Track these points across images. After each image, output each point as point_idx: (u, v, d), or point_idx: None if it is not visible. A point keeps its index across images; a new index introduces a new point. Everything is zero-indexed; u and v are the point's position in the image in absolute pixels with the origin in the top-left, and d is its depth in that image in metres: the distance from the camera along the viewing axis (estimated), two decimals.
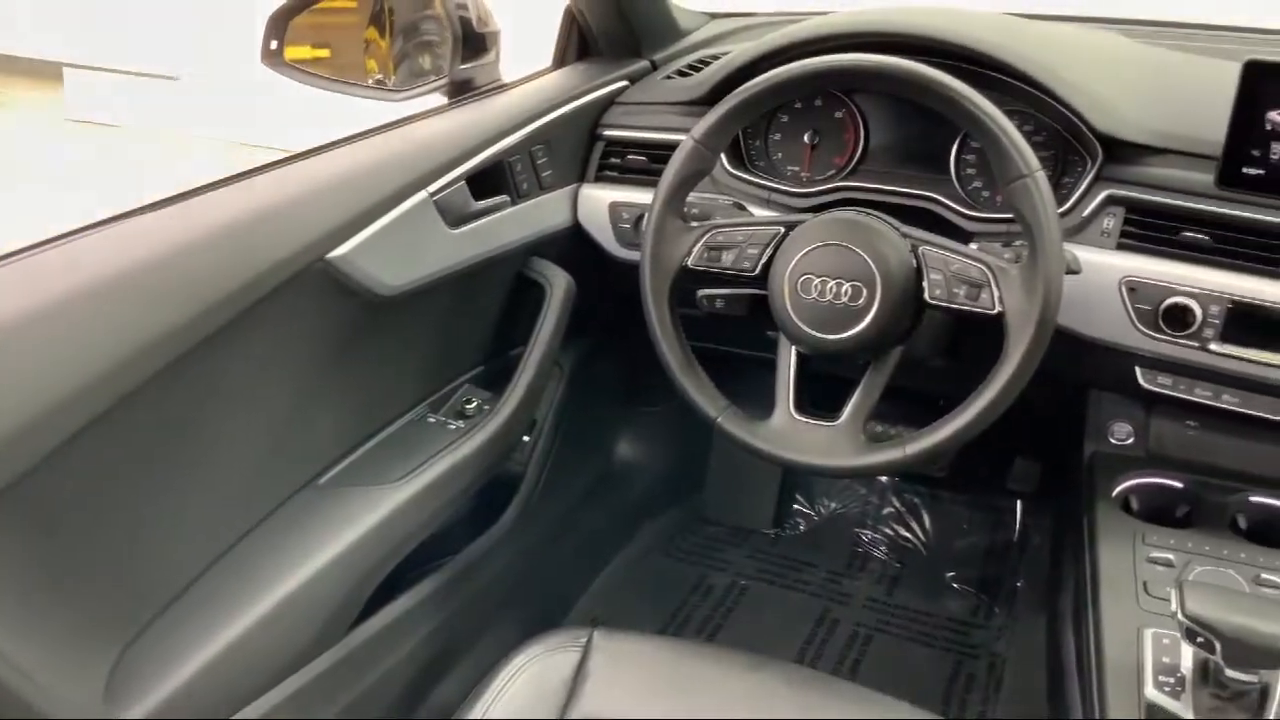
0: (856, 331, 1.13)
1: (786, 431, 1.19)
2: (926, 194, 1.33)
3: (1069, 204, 1.24)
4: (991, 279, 1.09)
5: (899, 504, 2.11)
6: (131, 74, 6.53)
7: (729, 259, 1.20)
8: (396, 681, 1.30)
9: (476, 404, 1.39)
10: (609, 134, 1.52)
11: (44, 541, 0.91)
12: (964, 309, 1.10)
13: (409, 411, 1.36)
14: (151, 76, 6.47)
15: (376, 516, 1.18)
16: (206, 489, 1.07)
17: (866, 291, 1.12)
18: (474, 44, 1.50)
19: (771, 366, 1.22)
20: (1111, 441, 1.34)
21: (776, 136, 1.44)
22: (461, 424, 1.35)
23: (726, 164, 1.42)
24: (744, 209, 1.38)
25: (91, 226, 1.02)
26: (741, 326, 1.28)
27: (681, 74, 1.56)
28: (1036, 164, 1.06)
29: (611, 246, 1.51)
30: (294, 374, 1.15)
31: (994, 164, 1.09)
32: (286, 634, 1.11)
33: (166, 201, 1.08)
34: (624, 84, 1.57)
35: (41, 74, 6.85)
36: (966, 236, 1.28)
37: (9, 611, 0.88)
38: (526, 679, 1.09)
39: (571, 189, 1.51)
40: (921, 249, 1.13)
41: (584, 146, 1.52)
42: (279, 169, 1.17)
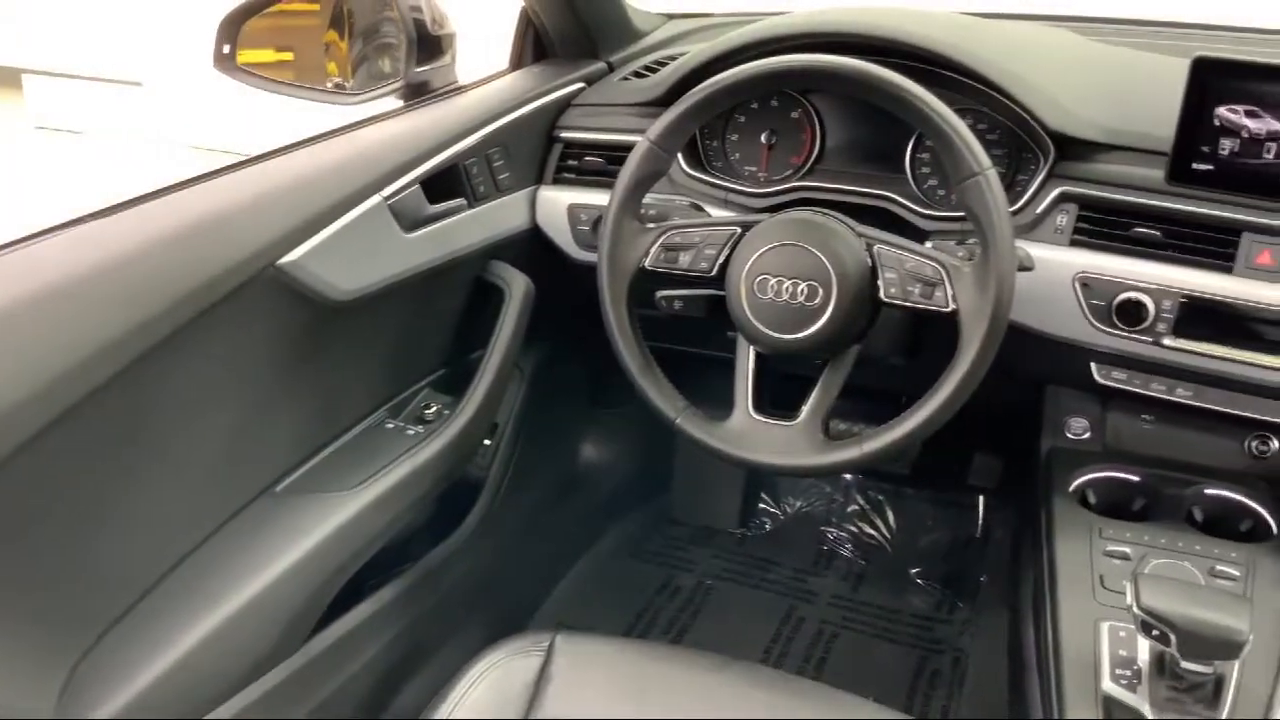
0: (813, 331, 1.13)
1: (745, 431, 1.19)
2: (883, 193, 1.33)
3: (1022, 201, 1.25)
4: (945, 277, 1.09)
5: (863, 501, 2.12)
6: (94, 80, 6.45)
7: (686, 260, 1.20)
8: (358, 689, 1.29)
9: (436, 409, 1.38)
10: (566, 136, 1.52)
11: None
12: (918, 307, 1.11)
13: (367, 417, 1.35)
14: (115, 82, 6.40)
15: (334, 523, 1.17)
16: (160, 497, 1.06)
17: (822, 291, 1.12)
18: (429, 46, 1.49)
19: (733, 366, 1.22)
20: (1068, 436, 1.36)
21: (734, 137, 1.44)
22: (420, 429, 1.34)
23: (684, 165, 1.42)
24: (702, 210, 1.38)
25: (43, 233, 1.01)
26: (702, 327, 1.28)
27: (638, 75, 1.56)
28: (988, 162, 1.07)
29: (570, 248, 1.50)
30: (248, 380, 1.14)
31: (946, 162, 1.10)
32: (245, 642, 1.10)
33: (116, 208, 1.07)
34: (581, 85, 1.57)
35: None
36: (922, 235, 1.29)
37: None
38: (488, 684, 1.09)
39: (529, 191, 1.50)
40: (876, 248, 1.14)
41: (541, 148, 1.52)
42: (230, 174, 1.16)
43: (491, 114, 1.42)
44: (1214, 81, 1.14)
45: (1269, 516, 1.21)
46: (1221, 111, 1.14)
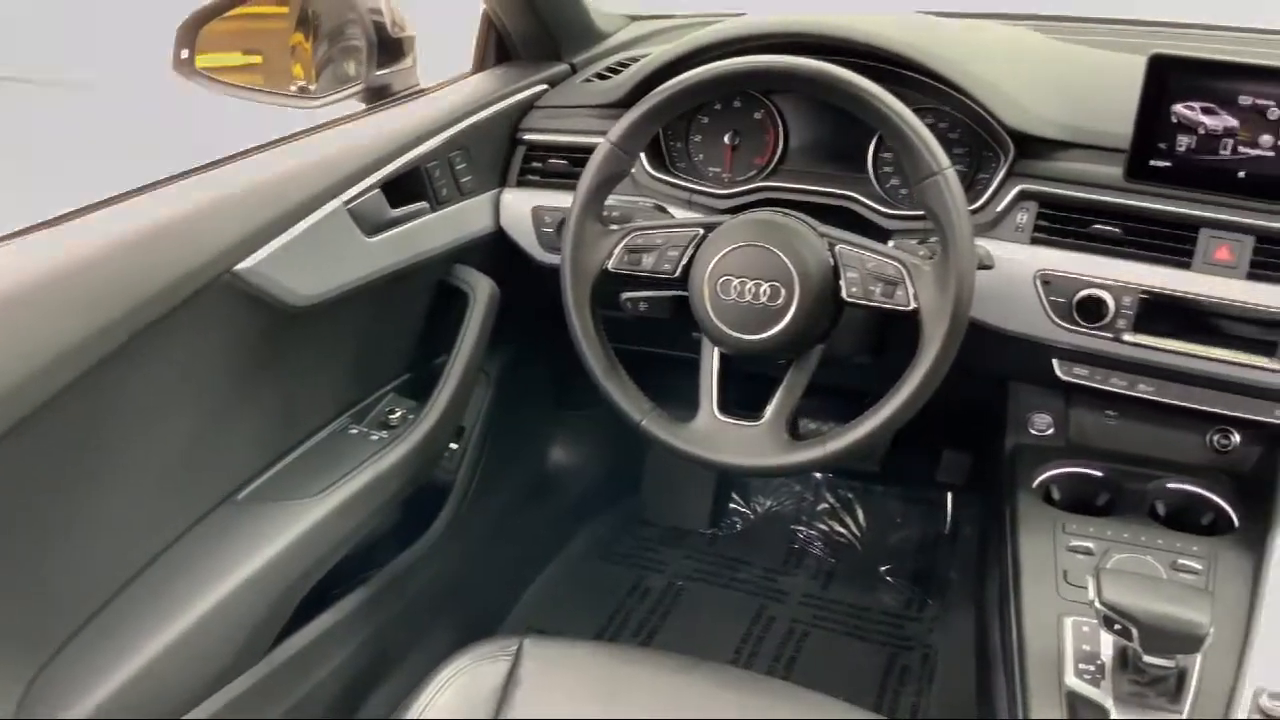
0: (776, 331, 1.13)
1: (710, 432, 1.19)
2: (845, 193, 1.33)
3: (983, 200, 1.25)
4: (906, 276, 1.09)
5: (833, 500, 2.13)
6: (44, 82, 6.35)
7: (649, 261, 1.20)
8: (324, 695, 1.28)
9: (400, 414, 1.37)
10: (529, 138, 1.51)
11: None
12: (880, 306, 1.11)
13: (330, 423, 1.33)
14: (66, 85, 6.30)
15: (296, 531, 1.16)
16: (119, 506, 1.05)
17: (785, 291, 1.12)
18: (390, 49, 1.48)
19: (699, 367, 1.22)
20: (1032, 432, 1.36)
21: (697, 138, 1.44)
22: (384, 435, 1.33)
23: (648, 166, 1.42)
24: (665, 211, 1.38)
25: None
26: (667, 328, 1.28)
27: (601, 76, 1.56)
28: (946, 161, 1.07)
29: (535, 251, 1.50)
30: (207, 388, 1.13)
31: (904, 162, 1.10)
32: (207, 650, 1.09)
33: (71, 214, 1.05)
34: (543, 87, 1.56)
35: None
36: (885, 234, 1.29)
37: None
38: (456, 689, 1.08)
39: (493, 194, 1.50)
40: (838, 248, 1.14)
41: (504, 151, 1.51)
42: (185, 179, 1.14)
43: (453, 116, 1.42)
44: (1171, 79, 1.14)
45: (1230, 510, 1.22)
46: (1178, 109, 1.15)
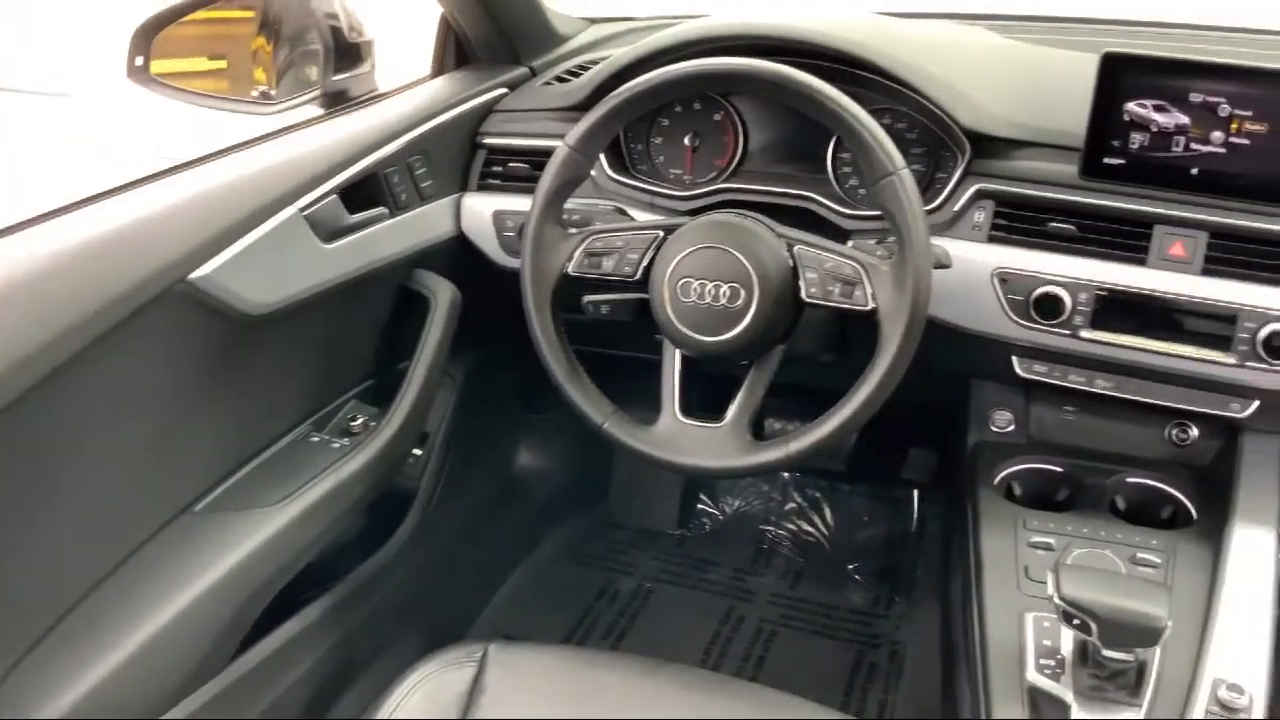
0: (736, 333, 1.13)
1: (672, 435, 1.18)
2: (805, 193, 1.34)
3: (940, 199, 1.26)
4: (864, 276, 1.10)
5: (801, 499, 2.14)
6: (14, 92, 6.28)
7: (609, 265, 1.20)
8: (289, 705, 1.27)
9: (362, 421, 1.37)
10: (489, 142, 1.50)
11: None
12: (839, 306, 1.11)
13: (291, 432, 1.32)
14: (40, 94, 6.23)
15: (255, 541, 1.15)
16: (73, 520, 1.04)
17: (744, 293, 1.12)
18: (348, 54, 1.48)
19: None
20: (993, 429, 1.37)
21: (658, 140, 1.44)
22: (346, 442, 1.32)
23: (608, 169, 1.41)
24: (625, 214, 1.38)
25: None
26: (630, 330, 1.28)
27: (560, 80, 1.55)
28: (901, 161, 1.07)
29: (497, 255, 1.49)
30: (162, 399, 1.12)
31: (860, 163, 1.11)
32: (167, 663, 1.08)
33: (19, 225, 1.04)
34: (503, 91, 1.55)
35: None
36: (844, 235, 1.29)
37: None
38: (421, 696, 1.07)
39: (454, 199, 1.49)
40: (797, 248, 1.14)
41: (465, 155, 1.50)
42: (138, 188, 1.13)
43: (411, 121, 1.41)
44: (1123, 77, 1.15)
45: (1189, 503, 1.23)
46: (1131, 107, 1.16)
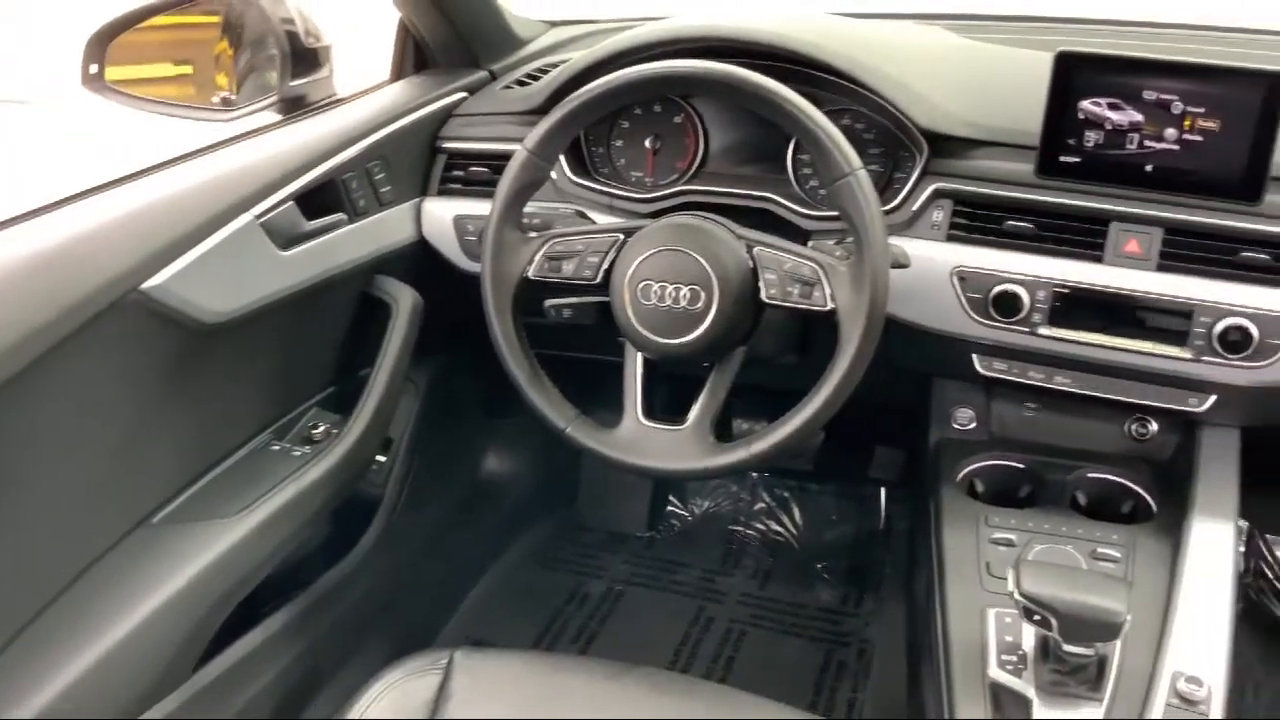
0: (697, 335, 1.13)
1: (635, 437, 1.18)
2: (765, 195, 1.34)
3: (899, 199, 1.26)
4: (823, 276, 1.10)
5: (769, 499, 2.14)
6: None
7: (570, 268, 1.19)
8: (254, 715, 1.26)
9: (324, 429, 1.35)
10: (449, 146, 1.50)
11: None
12: (799, 307, 1.11)
13: (250, 441, 1.31)
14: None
15: (215, 551, 1.14)
16: (27, 534, 1.02)
17: (704, 295, 1.12)
18: (305, 59, 1.46)
19: None
20: (955, 427, 1.38)
21: (619, 143, 1.44)
22: (307, 450, 1.31)
23: (569, 172, 1.41)
24: (586, 217, 1.37)
25: None
26: (593, 333, 1.27)
27: (520, 83, 1.55)
28: (858, 162, 1.08)
29: (459, 260, 1.48)
30: (119, 409, 1.10)
31: (817, 164, 1.11)
32: (127, 675, 1.07)
33: None
34: (462, 95, 1.55)
35: None
36: (804, 235, 1.29)
37: None
38: (386, 704, 1.07)
39: (414, 204, 1.48)
40: (756, 249, 1.14)
41: (424, 160, 1.49)
42: (88, 197, 1.12)
43: (369, 126, 1.40)
44: (1077, 75, 1.16)
45: (1149, 497, 1.24)
46: (1085, 105, 1.17)
